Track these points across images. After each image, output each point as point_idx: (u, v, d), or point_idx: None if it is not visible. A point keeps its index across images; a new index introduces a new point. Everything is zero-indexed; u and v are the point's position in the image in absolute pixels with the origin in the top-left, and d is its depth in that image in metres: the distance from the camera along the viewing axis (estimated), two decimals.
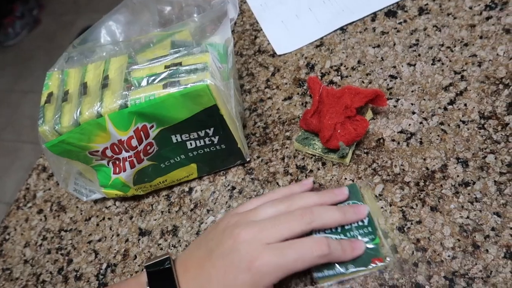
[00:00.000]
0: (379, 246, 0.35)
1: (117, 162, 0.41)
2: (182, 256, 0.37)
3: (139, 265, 0.43)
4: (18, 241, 0.50)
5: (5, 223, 0.53)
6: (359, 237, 0.35)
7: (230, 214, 0.37)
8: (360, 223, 0.36)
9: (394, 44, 0.50)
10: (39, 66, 2.23)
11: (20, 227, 0.52)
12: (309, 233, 0.35)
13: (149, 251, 0.44)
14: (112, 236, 0.46)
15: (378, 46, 0.50)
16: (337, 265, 0.34)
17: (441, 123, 0.42)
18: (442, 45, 0.47)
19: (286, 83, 0.51)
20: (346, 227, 0.36)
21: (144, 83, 0.37)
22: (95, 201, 0.49)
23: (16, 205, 0.54)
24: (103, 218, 0.48)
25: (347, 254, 0.34)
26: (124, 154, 0.40)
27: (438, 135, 0.41)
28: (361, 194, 0.38)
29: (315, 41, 0.54)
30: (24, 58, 2.31)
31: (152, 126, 0.38)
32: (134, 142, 0.38)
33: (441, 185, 0.38)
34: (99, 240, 0.47)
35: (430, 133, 0.41)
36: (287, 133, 0.47)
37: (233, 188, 0.45)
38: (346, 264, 0.34)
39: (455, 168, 0.39)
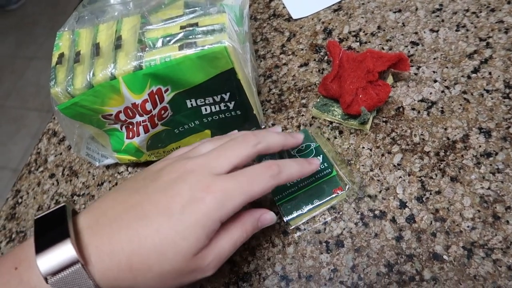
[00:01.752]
0: (337, 177, 0.38)
1: (131, 127, 0.40)
2: (87, 208, 0.31)
3: None
4: (31, 205, 0.51)
5: (17, 187, 0.53)
6: (318, 175, 0.38)
7: (160, 161, 0.33)
8: None
9: (416, 9, 0.47)
10: (42, 32, 2.19)
11: (32, 191, 0.52)
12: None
13: None
14: None
15: (400, 11, 0.48)
16: (302, 204, 0.37)
17: (464, 92, 0.40)
18: (467, 10, 0.45)
19: (302, 49, 0.50)
20: None
21: (159, 44, 0.35)
22: (107, 167, 0.49)
23: (28, 169, 0.54)
24: (116, 184, 0.48)
25: (305, 167, 0.33)
26: (138, 118, 0.39)
27: (461, 104, 0.40)
28: (312, 136, 0.41)
29: (333, 5, 0.52)
30: (27, 23, 2.26)
31: (167, 90, 0.37)
32: (148, 106, 0.37)
33: (462, 156, 0.37)
34: None
35: (452, 102, 0.40)
36: (303, 101, 0.45)
37: None
38: (311, 200, 0.37)
39: (477, 138, 0.38)
